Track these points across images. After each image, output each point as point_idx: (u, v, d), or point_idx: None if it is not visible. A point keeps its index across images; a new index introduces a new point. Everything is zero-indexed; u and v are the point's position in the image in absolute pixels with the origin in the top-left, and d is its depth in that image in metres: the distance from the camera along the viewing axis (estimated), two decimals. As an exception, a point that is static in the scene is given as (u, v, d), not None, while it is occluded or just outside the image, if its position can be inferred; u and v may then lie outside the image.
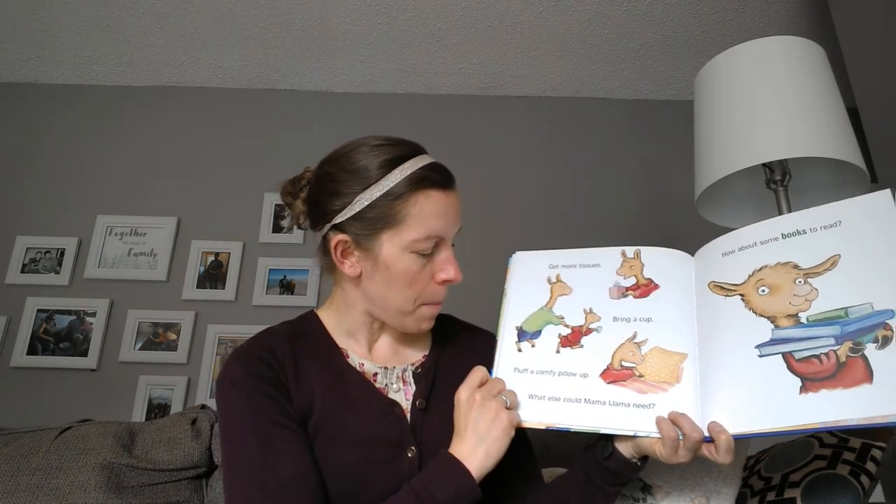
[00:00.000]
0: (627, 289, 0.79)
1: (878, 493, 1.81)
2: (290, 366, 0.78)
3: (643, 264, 0.80)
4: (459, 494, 0.67)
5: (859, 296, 0.65)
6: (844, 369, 0.61)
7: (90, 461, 1.16)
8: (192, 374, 2.00)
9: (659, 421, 0.67)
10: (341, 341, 0.84)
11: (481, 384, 0.73)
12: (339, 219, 0.79)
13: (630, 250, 0.81)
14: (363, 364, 0.83)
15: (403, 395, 0.82)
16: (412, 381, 0.83)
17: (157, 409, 1.94)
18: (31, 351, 2.00)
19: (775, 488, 0.96)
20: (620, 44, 2.21)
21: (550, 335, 0.79)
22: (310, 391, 0.77)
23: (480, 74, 2.36)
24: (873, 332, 0.62)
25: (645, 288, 0.78)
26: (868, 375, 0.60)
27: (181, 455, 1.22)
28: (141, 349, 2.02)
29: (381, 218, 0.76)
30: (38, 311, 2.05)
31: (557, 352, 0.78)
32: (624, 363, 0.74)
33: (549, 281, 0.84)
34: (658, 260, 0.80)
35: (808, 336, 0.65)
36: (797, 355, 0.65)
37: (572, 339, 0.78)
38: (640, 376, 0.72)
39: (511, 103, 2.46)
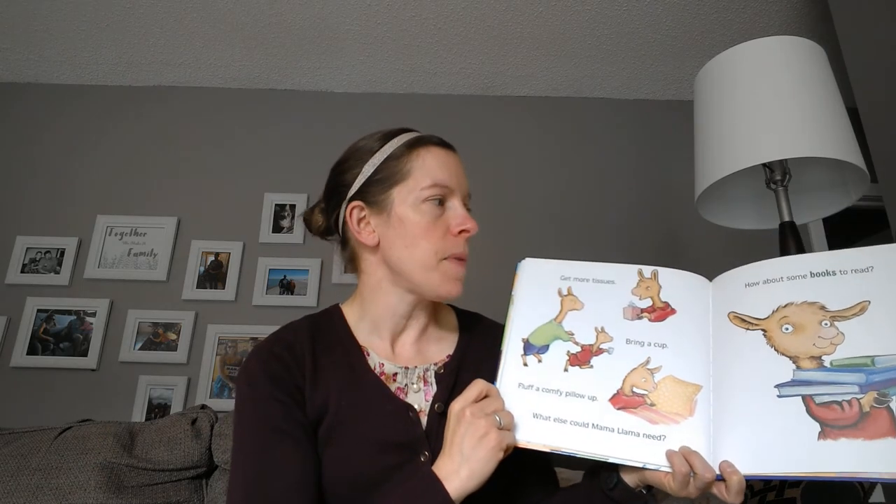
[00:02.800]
0: (643, 311, 0.76)
1: (878, 493, 1.81)
2: (308, 364, 0.78)
3: (660, 286, 0.77)
4: None
5: (888, 346, 0.63)
6: (868, 420, 0.59)
7: (90, 461, 1.16)
8: (192, 374, 2.00)
9: (671, 455, 0.65)
10: (363, 338, 0.84)
11: (478, 399, 0.69)
12: (352, 191, 0.83)
13: (647, 270, 0.78)
14: (383, 364, 0.82)
15: (423, 395, 0.80)
16: (434, 381, 0.82)
17: (157, 409, 1.94)
18: (31, 351, 2.00)
19: (775, 488, 0.96)
20: (620, 44, 2.21)
21: (559, 351, 0.75)
22: (326, 391, 0.77)
23: (480, 74, 2.36)
24: None
25: (661, 311, 0.75)
26: (893, 429, 0.58)
27: (181, 455, 1.22)
28: (141, 349, 2.02)
29: (388, 177, 0.81)
30: (38, 311, 2.05)
31: (566, 370, 0.74)
32: (635, 389, 0.71)
33: (559, 293, 0.80)
34: (676, 283, 0.77)
35: (832, 381, 0.63)
36: (817, 399, 0.62)
37: (582, 359, 0.75)
38: (652, 405, 0.69)
39: (511, 103, 2.46)
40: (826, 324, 0.67)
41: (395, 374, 0.81)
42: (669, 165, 2.35)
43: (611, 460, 0.68)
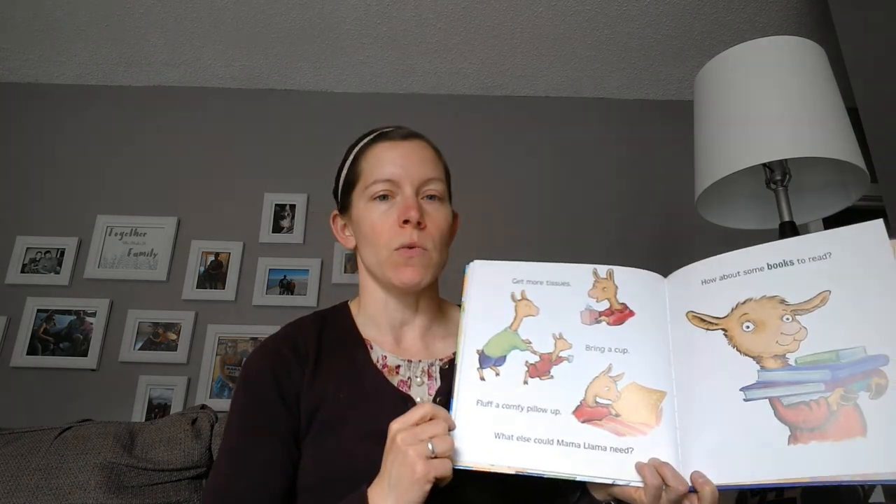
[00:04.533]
0: (601, 314, 0.72)
1: (878, 493, 1.81)
2: (310, 361, 0.80)
3: (617, 286, 0.73)
4: None
5: (851, 338, 0.60)
6: (836, 419, 0.57)
7: (90, 461, 1.16)
8: (192, 374, 2.00)
9: (641, 468, 0.62)
10: (367, 332, 0.86)
11: (420, 421, 0.64)
12: (337, 197, 0.90)
13: (602, 269, 0.74)
14: (385, 357, 0.83)
15: (426, 389, 0.81)
16: (438, 377, 0.82)
17: (157, 409, 1.94)
18: (31, 351, 1.99)
19: (775, 488, 0.95)
20: (620, 44, 2.21)
21: (517, 362, 0.71)
22: (324, 384, 0.78)
23: (480, 74, 2.36)
24: (866, 380, 0.58)
25: (620, 314, 0.72)
26: (861, 428, 0.56)
27: (181, 455, 1.22)
28: (141, 349, 2.02)
29: (349, 182, 0.87)
30: (38, 311, 2.05)
31: (525, 382, 0.70)
32: (599, 400, 0.68)
33: (513, 298, 0.75)
34: (632, 282, 0.73)
35: (797, 380, 0.61)
36: (785, 401, 0.60)
37: (541, 369, 0.70)
38: (617, 416, 0.66)
39: (511, 103, 2.46)
40: (787, 318, 0.64)
41: (398, 367, 0.82)
42: (669, 165, 2.34)
43: (579, 478, 0.64)
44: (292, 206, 2.22)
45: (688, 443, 0.64)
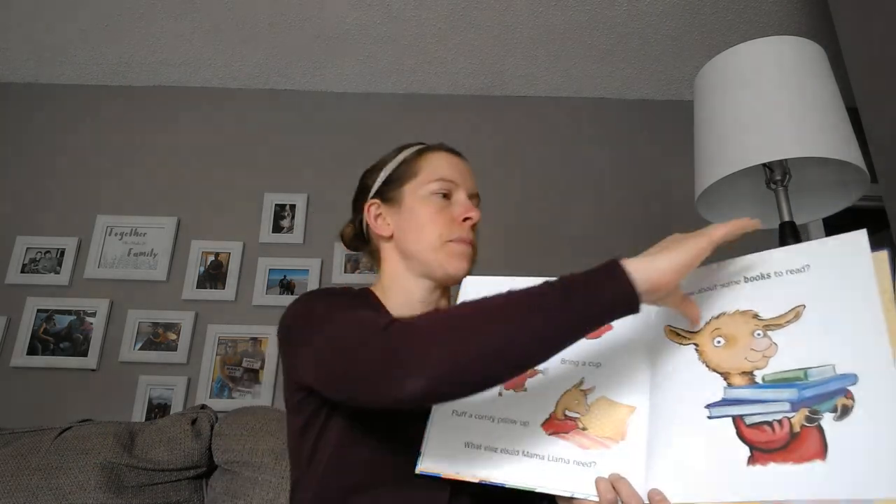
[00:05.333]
0: None
1: (878, 494, 1.80)
2: None
3: None
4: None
5: (821, 356, 0.58)
6: (797, 441, 0.55)
7: (90, 461, 1.16)
8: (192, 374, 2.00)
9: (598, 482, 0.62)
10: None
11: None
12: (371, 192, 0.96)
13: None
14: None
15: None
16: None
17: (157, 409, 1.94)
18: (31, 351, 1.99)
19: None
20: (620, 44, 2.21)
21: None
22: None
23: (480, 74, 2.36)
24: (832, 400, 0.55)
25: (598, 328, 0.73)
26: (822, 450, 0.53)
27: (181, 455, 1.22)
28: (141, 349, 2.02)
29: (400, 177, 0.94)
30: (38, 311, 2.05)
31: (500, 394, 0.71)
32: (568, 413, 0.68)
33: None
34: None
35: (762, 399, 0.58)
36: (748, 420, 0.58)
37: (517, 381, 0.71)
38: (584, 429, 0.66)
39: (511, 103, 2.46)
40: (759, 334, 0.62)
41: None
42: (669, 165, 2.34)
43: (539, 490, 0.64)
44: (292, 206, 2.22)
45: (653, 459, 0.62)
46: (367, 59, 2.28)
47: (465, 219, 0.90)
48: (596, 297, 0.59)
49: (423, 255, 0.88)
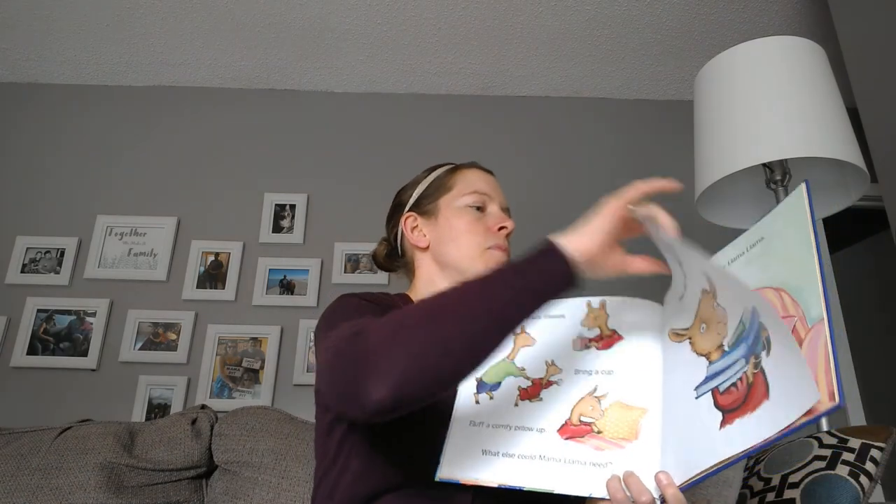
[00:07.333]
0: (591, 340, 0.76)
1: (878, 494, 1.81)
2: None
3: (608, 315, 0.77)
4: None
5: (746, 297, 0.59)
6: (752, 390, 0.56)
7: (90, 461, 1.16)
8: (192, 374, 2.00)
9: (609, 481, 0.64)
10: None
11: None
12: (407, 207, 1.02)
13: (596, 301, 0.78)
14: None
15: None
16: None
17: (157, 409, 1.94)
18: (31, 351, 1.99)
19: (775, 489, 0.96)
20: (620, 44, 2.21)
21: (510, 387, 0.76)
22: None
23: (480, 74, 2.36)
24: (760, 338, 0.56)
25: (608, 339, 0.75)
26: (766, 391, 0.55)
27: (181, 455, 1.22)
28: (141, 349, 2.02)
29: (435, 191, 1.00)
30: (38, 311, 2.05)
31: (516, 405, 0.74)
32: (583, 418, 0.70)
33: (513, 333, 0.79)
34: (623, 310, 0.77)
35: (729, 364, 0.61)
36: (721, 388, 0.61)
37: (532, 392, 0.74)
38: (599, 432, 0.68)
39: (511, 103, 2.46)
40: (717, 305, 0.64)
41: None
42: (669, 165, 2.34)
43: (556, 491, 0.66)
44: (292, 206, 2.22)
45: (664, 454, 0.64)
46: (367, 59, 2.28)
47: (501, 227, 0.96)
48: (537, 279, 0.64)
49: (462, 263, 0.93)
